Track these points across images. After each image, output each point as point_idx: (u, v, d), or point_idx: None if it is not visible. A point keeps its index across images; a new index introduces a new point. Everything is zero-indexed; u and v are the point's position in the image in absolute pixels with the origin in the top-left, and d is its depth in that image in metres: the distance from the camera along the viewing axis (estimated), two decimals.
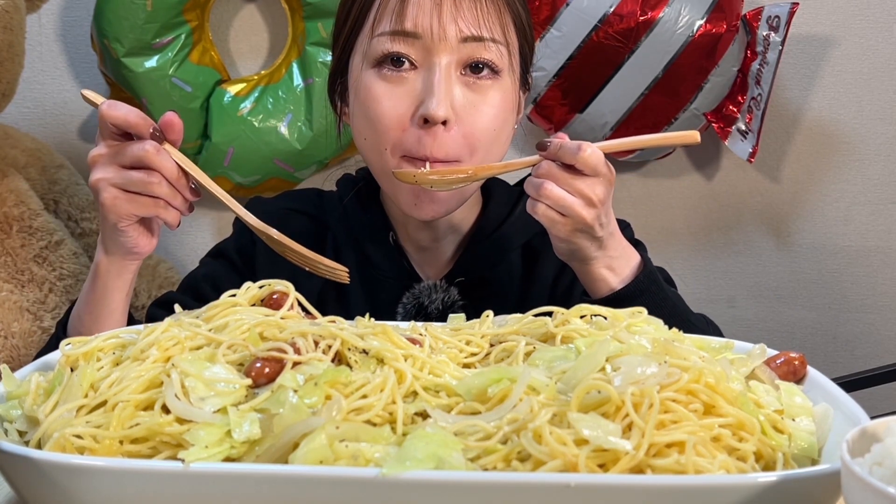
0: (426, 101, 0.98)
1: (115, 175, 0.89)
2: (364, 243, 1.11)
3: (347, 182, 1.17)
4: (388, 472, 0.59)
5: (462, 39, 0.99)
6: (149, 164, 0.88)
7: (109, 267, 0.96)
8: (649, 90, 1.66)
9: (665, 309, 0.93)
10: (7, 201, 1.46)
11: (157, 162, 0.88)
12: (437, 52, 0.99)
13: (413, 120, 0.99)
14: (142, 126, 0.89)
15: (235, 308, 0.77)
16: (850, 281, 1.94)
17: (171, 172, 0.89)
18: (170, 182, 0.89)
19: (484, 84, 1.01)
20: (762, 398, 0.70)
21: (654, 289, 0.98)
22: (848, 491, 0.55)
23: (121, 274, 0.96)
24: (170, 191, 0.90)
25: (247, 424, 0.63)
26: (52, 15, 1.80)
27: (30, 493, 0.64)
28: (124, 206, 0.90)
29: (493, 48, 1.01)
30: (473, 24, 1.00)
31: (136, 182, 0.89)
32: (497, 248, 1.11)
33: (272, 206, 1.17)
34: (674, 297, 1.02)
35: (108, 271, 0.96)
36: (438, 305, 1.07)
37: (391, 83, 1.00)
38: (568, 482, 0.59)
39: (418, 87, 1.00)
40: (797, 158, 1.90)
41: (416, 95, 0.99)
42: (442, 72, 0.99)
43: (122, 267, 0.96)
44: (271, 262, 1.11)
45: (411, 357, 0.71)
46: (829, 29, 1.84)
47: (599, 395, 0.64)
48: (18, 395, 0.72)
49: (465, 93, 1.00)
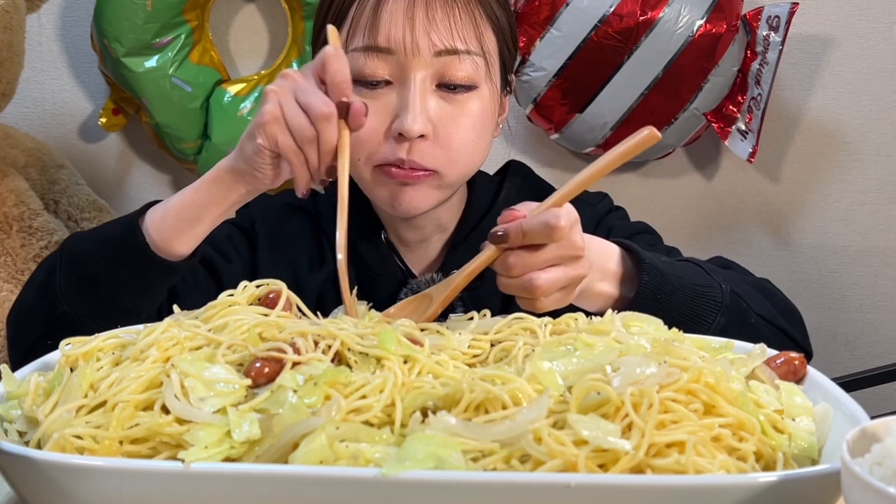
0: (402, 117, 0.98)
1: (288, 101, 0.86)
2: (357, 243, 1.11)
3: None
4: (388, 472, 0.59)
5: (436, 53, 0.99)
6: (315, 122, 0.86)
7: (226, 177, 0.92)
8: (649, 90, 1.66)
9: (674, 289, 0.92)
10: (7, 201, 1.46)
11: (321, 126, 0.86)
12: (411, 67, 0.98)
13: (389, 134, 0.99)
14: (338, 89, 0.86)
15: (234, 308, 0.77)
16: (850, 281, 1.94)
17: (327, 145, 0.86)
18: (318, 152, 0.87)
19: (460, 97, 1.01)
20: (762, 398, 0.70)
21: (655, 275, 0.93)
22: (848, 491, 0.55)
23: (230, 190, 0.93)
24: (313, 157, 0.87)
25: (246, 425, 0.63)
26: (52, 15, 1.80)
27: (30, 493, 0.64)
28: (274, 129, 0.86)
29: (468, 60, 1.00)
30: (447, 37, 0.99)
31: (297, 124, 0.86)
32: (484, 238, 1.11)
33: (275, 200, 1.17)
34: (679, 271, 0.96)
35: (221, 180, 0.92)
36: None
37: (367, 97, 0.99)
38: (568, 482, 0.59)
39: (394, 101, 0.99)
40: (797, 158, 1.90)
41: (392, 110, 0.99)
42: (417, 86, 0.98)
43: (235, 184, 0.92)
44: (272, 253, 1.11)
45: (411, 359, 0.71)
46: (829, 29, 1.84)
47: (599, 395, 0.64)
48: (18, 396, 0.72)
49: (441, 105, 1.00)
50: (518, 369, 0.70)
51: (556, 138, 1.77)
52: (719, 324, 0.94)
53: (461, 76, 1.00)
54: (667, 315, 0.85)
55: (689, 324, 0.91)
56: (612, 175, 1.85)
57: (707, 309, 0.94)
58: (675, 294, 0.93)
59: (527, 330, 0.80)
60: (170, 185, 1.88)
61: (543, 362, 0.68)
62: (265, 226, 1.14)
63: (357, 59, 0.99)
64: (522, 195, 1.14)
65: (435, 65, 0.99)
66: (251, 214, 1.16)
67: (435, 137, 0.99)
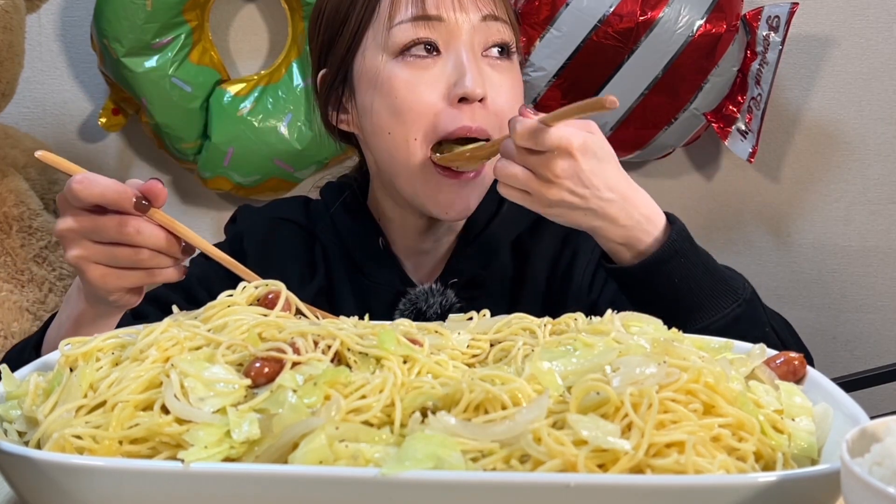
0: (461, 80, 0.99)
1: (97, 253, 0.82)
2: (354, 251, 1.10)
3: (332, 189, 1.16)
4: (388, 472, 0.59)
5: (482, 18, 1.01)
6: (134, 244, 0.81)
7: (95, 318, 0.90)
8: (649, 90, 1.66)
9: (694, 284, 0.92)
10: (7, 201, 1.46)
11: (142, 241, 0.81)
12: (460, 32, 1.00)
13: (447, 101, 1.00)
14: (123, 201, 0.80)
15: (234, 308, 0.77)
16: (850, 281, 1.94)
17: (158, 243, 0.81)
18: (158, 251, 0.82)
19: (503, 64, 1.03)
20: (762, 398, 0.70)
21: (676, 262, 0.93)
22: (848, 491, 0.55)
23: (108, 319, 0.91)
24: (160, 259, 0.83)
25: (246, 425, 0.63)
26: (52, 15, 1.80)
27: (29, 493, 0.64)
28: (114, 281, 0.83)
29: (506, 29, 1.04)
30: (489, 3, 1.02)
31: (124, 259, 0.82)
32: (487, 247, 1.11)
33: (260, 215, 1.16)
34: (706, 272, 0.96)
35: (93, 320, 0.90)
36: (437, 309, 1.07)
37: (418, 69, 1.00)
38: (567, 482, 0.59)
39: (446, 70, 1.00)
40: (797, 158, 1.90)
41: (444, 79, 1.00)
42: (469, 51, 1.00)
43: (108, 314, 0.90)
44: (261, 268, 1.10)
45: (410, 359, 0.71)
46: (829, 29, 1.84)
47: (598, 395, 0.63)
48: (18, 396, 0.72)
49: (489, 71, 1.02)
50: (517, 369, 0.70)
51: None
52: (733, 312, 0.93)
53: (504, 40, 1.03)
54: (681, 284, 0.88)
55: (704, 303, 0.92)
56: None
57: (726, 295, 0.94)
58: (698, 268, 0.93)
59: (526, 330, 0.80)
60: (170, 185, 1.88)
61: (543, 362, 0.68)
62: (253, 241, 1.13)
63: (405, 30, 1.00)
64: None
65: (482, 30, 1.02)
66: (238, 231, 1.14)
67: (489, 102, 1.01)
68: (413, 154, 1.01)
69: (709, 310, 0.92)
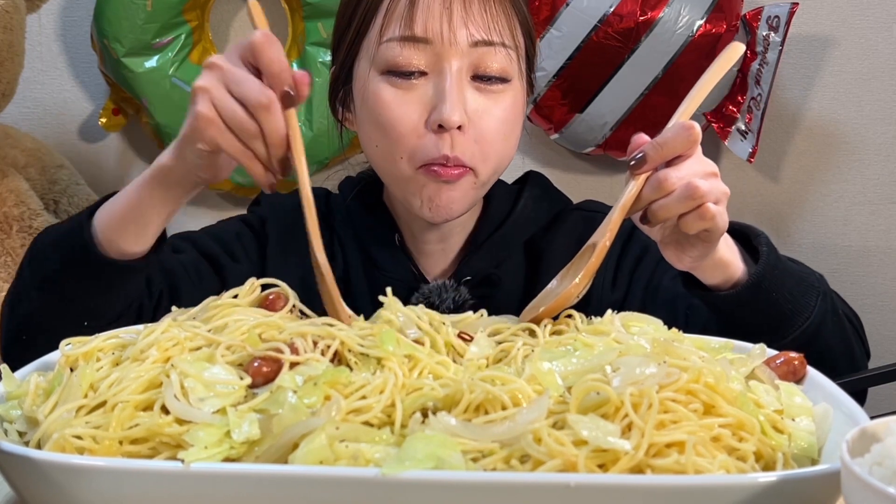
0: (439, 107, 0.97)
1: (222, 97, 0.78)
2: (369, 245, 1.11)
3: (349, 184, 1.17)
4: (388, 472, 0.59)
5: (472, 44, 0.98)
6: (255, 115, 0.78)
7: (156, 204, 0.86)
8: (649, 90, 1.66)
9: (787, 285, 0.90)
10: (7, 201, 1.46)
11: (262, 118, 0.78)
12: (447, 57, 0.98)
13: (427, 126, 0.98)
14: (282, 77, 0.78)
15: (234, 309, 0.77)
16: (850, 281, 1.94)
17: (274, 137, 0.78)
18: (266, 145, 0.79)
19: (495, 88, 1.00)
20: (762, 398, 0.70)
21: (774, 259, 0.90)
22: (848, 491, 0.55)
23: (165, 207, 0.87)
24: (261, 151, 0.79)
25: (246, 425, 0.63)
26: (52, 15, 1.80)
27: (30, 493, 0.64)
28: (213, 132, 0.79)
29: (503, 53, 1.00)
30: (483, 29, 0.99)
31: (236, 121, 0.78)
32: (500, 247, 1.11)
33: (287, 200, 1.14)
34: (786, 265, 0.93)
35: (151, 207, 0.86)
36: (449, 304, 1.07)
37: (401, 89, 0.99)
38: (567, 482, 0.59)
39: (429, 92, 0.99)
40: (797, 158, 1.90)
41: (428, 101, 0.99)
42: (453, 77, 0.98)
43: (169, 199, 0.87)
44: (282, 254, 1.10)
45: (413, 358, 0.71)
46: (829, 29, 1.84)
47: (598, 396, 0.64)
48: (18, 396, 0.72)
49: (476, 98, 1.00)
50: (518, 370, 0.70)
51: (555, 138, 1.77)
52: (820, 309, 0.92)
53: (496, 68, 1.00)
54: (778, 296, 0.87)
55: (794, 310, 0.90)
56: (613, 176, 1.86)
57: (809, 293, 0.93)
58: (786, 274, 0.91)
59: (526, 330, 0.80)
60: None
61: (543, 363, 0.68)
62: (276, 226, 1.13)
63: (392, 49, 0.99)
64: (541, 206, 1.14)
65: (471, 56, 0.99)
66: (262, 214, 1.14)
67: (470, 130, 0.98)
68: (401, 170, 1.01)
69: (797, 315, 0.90)
